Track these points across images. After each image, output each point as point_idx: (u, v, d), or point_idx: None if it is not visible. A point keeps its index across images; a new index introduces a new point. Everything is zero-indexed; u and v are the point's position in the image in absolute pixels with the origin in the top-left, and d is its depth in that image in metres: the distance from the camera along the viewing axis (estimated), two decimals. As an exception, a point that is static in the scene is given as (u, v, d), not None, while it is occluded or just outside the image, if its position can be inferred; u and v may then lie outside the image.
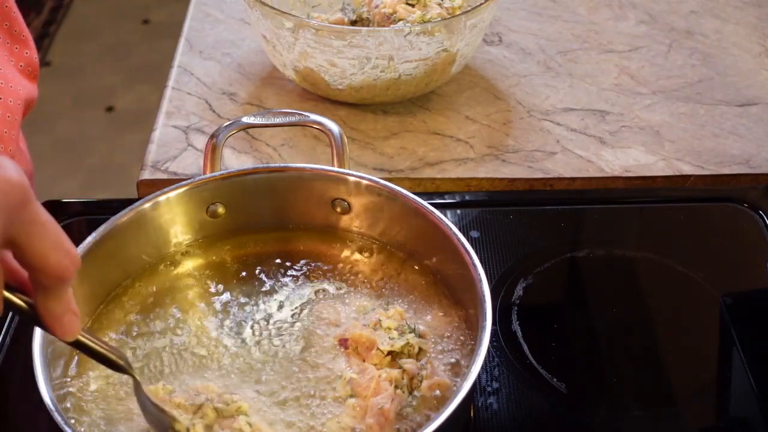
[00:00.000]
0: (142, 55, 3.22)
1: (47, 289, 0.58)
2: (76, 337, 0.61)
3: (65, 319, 0.59)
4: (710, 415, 0.88)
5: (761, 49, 1.34)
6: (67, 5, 3.49)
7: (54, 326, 0.60)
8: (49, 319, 0.59)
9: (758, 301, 0.97)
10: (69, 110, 2.97)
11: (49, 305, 0.58)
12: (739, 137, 1.18)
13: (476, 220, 1.04)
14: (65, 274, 0.57)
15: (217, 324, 0.83)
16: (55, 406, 0.69)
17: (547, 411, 0.86)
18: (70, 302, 0.59)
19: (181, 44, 1.34)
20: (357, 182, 0.89)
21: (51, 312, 0.59)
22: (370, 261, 0.90)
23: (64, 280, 0.57)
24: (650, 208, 1.09)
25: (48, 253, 0.56)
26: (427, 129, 1.18)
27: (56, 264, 0.56)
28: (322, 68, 1.14)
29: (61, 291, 0.58)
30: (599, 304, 0.97)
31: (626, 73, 1.29)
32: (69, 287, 0.59)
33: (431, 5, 1.17)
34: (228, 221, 0.91)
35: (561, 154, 1.14)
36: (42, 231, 0.56)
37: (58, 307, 0.59)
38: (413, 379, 0.77)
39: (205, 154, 0.93)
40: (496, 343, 0.89)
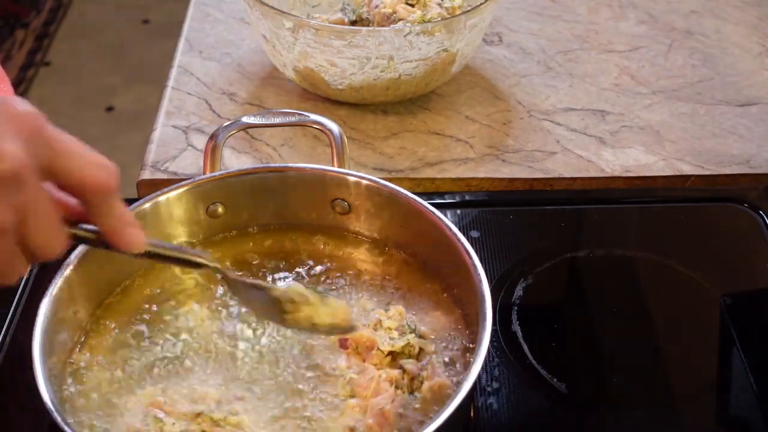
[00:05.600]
0: (142, 55, 3.22)
1: (97, 206, 0.58)
2: (143, 248, 0.62)
3: (126, 232, 0.60)
4: (710, 415, 0.88)
5: (761, 49, 1.34)
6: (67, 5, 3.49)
7: (119, 243, 0.60)
8: (111, 235, 0.59)
9: (758, 301, 0.97)
10: (69, 110, 2.97)
11: (106, 221, 0.59)
12: (739, 137, 1.18)
13: (476, 220, 1.04)
14: (105, 187, 0.57)
15: (216, 324, 0.83)
16: (55, 406, 0.69)
17: (547, 411, 0.86)
18: (125, 215, 0.60)
19: (181, 44, 1.34)
20: (357, 182, 0.89)
21: (111, 228, 0.59)
22: (370, 261, 0.90)
23: (106, 193, 0.57)
24: (650, 208, 1.09)
25: (81, 170, 0.56)
26: (427, 129, 1.18)
27: (93, 178, 0.57)
28: (322, 68, 1.14)
29: (110, 205, 0.58)
30: (599, 304, 0.97)
31: (626, 73, 1.29)
32: (117, 200, 0.59)
33: (431, 5, 1.17)
34: (228, 221, 0.91)
35: (561, 154, 1.14)
36: (67, 150, 0.56)
37: (115, 222, 0.59)
38: (413, 380, 0.77)
39: (205, 154, 0.93)
40: (496, 343, 0.89)
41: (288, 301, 0.73)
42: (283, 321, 0.75)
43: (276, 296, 0.73)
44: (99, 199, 0.58)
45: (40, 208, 0.55)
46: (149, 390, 0.77)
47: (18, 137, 0.53)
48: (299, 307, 0.73)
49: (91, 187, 0.57)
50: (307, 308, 0.73)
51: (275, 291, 0.73)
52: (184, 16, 1.40)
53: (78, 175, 0.56)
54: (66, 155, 0.56)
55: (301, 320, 0.73)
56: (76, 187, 0.57)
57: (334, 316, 0.74)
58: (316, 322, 0.73)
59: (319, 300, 0.74)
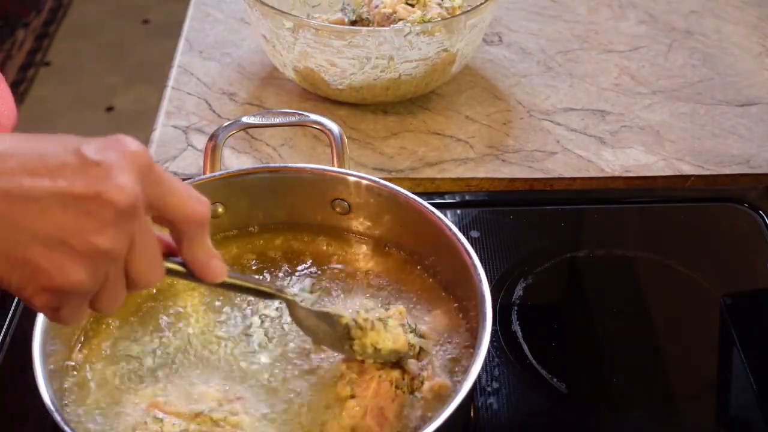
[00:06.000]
0: (142, 55, 3.22)
1: (191, 238, 0.62)
2: (224, 278, 0.66)
3: (212, 263, 0.64)
4: (710, 415, 0.88)
5: (761, 49, 1.34)
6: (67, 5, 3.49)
7: (204, 273, 0.64)
8: (198, 267, 0.64)
9: (758, 301, 0.97)
10: (69, 110, 2.97)
11: (196, 253, 0.63)
12: (739, 137, 1.18)
13: (476, 220, 1.04)
14: (202, 218, 0.62)
15: (216, 325, 0.83)
16: (55, 406, 0.69)
17: (547, 411, 0.86)
18: (211, 247, 0.64)
19: (181, 44, 1.34)
20: (357, 182, 0.89)
21: (199, 260, 0.63)
22: (370, 261, 0.90)
23: (202, 225, 0.62)
24: (650, 208, 1.09)
25: (184, 205, 0.61)
26: (427, 129, 1.18)
27: (192, 211, 0.61)
28: (322, 68, 1.14)
29: (202, 237, 0.63)
30: (599, 304, 0.97)
31: (626, 73, 1.29)
32: (207, 233, 0.63)
33: (431, 5, 1.17)
34: (228, 221, 0.91)
35: (561, 154, 1.14)
36: (172, 187, 0.60)
37: (204, 254, 0.63)
38: (414, 380, 0.77)
39: (205, 154, 0.93)
40: (496, 343, 0.89)
41: (357, 327, 0.76)
42: (344, 348, 0.77)
43: (346, 323, 0.76)
44: (194, 232, 0.62)
45: (148, 239, 0.59)
46: (149, 390, 0.77)
47: (133, 172, 0.57)
48: (366, 333, 0.76)
49: (190, 219, 0.61)
50: (373, 334, 0.76)
51: (345, 318, 0.76)
52: (184, 16, 1.40)
53: (180, 210, 0.61)
54: (171, 192, 0.60)
55: (366, 346, 0.76)
56: (178, 218, 0.61)
57: (395, 341, 0.76)
58: (380, 347, 0.76)
59: (382, 326, 0.76)
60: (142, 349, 0.81)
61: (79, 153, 0.56)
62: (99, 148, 0.56)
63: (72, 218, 0.55)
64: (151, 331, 0.83)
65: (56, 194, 0.54)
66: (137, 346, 0.81)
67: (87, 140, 0.57)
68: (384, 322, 0.76)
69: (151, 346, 0.81)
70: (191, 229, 0.62)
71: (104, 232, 0.55)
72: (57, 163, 0.55)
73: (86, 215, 0.55)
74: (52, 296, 0.56)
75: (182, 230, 0.62)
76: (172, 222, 0.61)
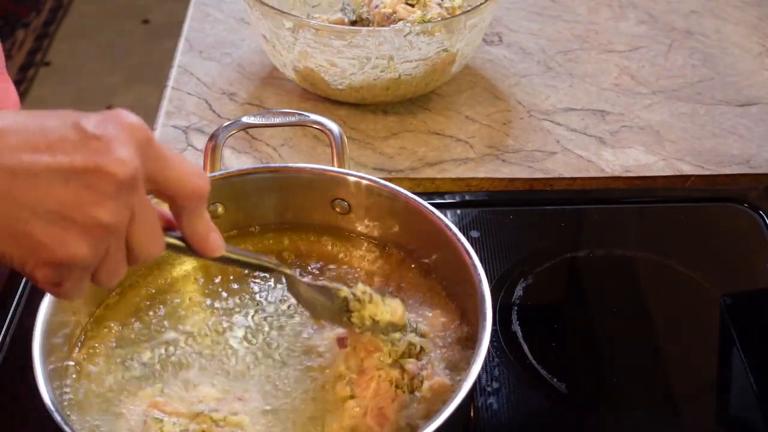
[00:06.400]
0: (142, 55, 3.22)
1: (190, 212, 0.63)
2: (222, 252, 0.66)
3: (210, 237, 0.65)
4: (710, 415, 0.88)
5: (761, 49, 1.34)
6: (67, 5, 3.49)
7: (203, 246, 0.65)
8: (198, 241, 0.64)
9: (758, 301, 0.97)
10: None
11: (195, 227, 0.64)
12: (739, 137, 1.18)
13: (476, 220, 1.04)
14: (202, 192, 0.62)
15: (215, 325, 0.83)
16: (55, 406, 0.69)
17: (547, 411, 0.86)
18: (210, 221, 0.65)
19: (181, 44, 1.34)
20: (357, 182, 0.89)
21: (198, 233, 0.64)
22: (370, 261, 0.90)
23: (201, 198, 0.62)
24: (650, 208, 1.09)
25: (183, 178, 0.61)
26: (427, 129, 1.18)
27: (192, 185, 0.61)
28: (322, 68, 1.14)
29: (201, 211, 0.63)
30: (599, 304, 0.97)
31: (626, 73, 1.29)
32: (205, 207, 0.64)
33: (431, 5, 1.17)
34: (228, 221, 0.91)
35: (561, 154, 1.14)
36: (171, 161, 0.60)
37: (202, 227, 0.64)
38: (413, 379, 0.77)
39: (205, 154, 0.93)
40: (496, 343, 0.89)
41: (355, 300, 0.76)
42: (343, 321, 0.78)
43: (344, 296, 0.77)
44: (193, 205, 0.62)
45: (148, 212, 0.59)
46: (149, 390, 0.77)
47: (133, 145, 0.57)
48: (365, 305, 0.77)
49: (189, 193, 0.61)
50: (371, 306, 0.77)
51: (343, 291, 0.77)
52: (184, 16, 1.40)
53: (180, 183, 0.61)
54: (170, 166, 0.60)
55: (364, 318, 0.76)
56: (178, 192, 0.61)
57: (393, 314, 0.77)
58: (378, 320, 0.77)
59: (380, 299, 0.77)
60: (142, 349, 0.81)
61: (79, 127, 0.56)
62: (98, 122, 0.57)
63: (72, 192, 0.55)
64: (150, 331, 0.83)
65: (56, 169, 0.55)
66: (137, 347, 0.81)
67: (86, 114, 0.57)
68: (382, 294, 0.78)
69: (151, 346, 0.81)
70: (191, 202, 0.62)
71: (105, 205, 0.55)
72: (57, 137, 0.55)
73: (87, 189, 0.55)
74: (54, 270, 0.57)
75: (181, 204, 0.62)
76: (171, 196, 0.62)
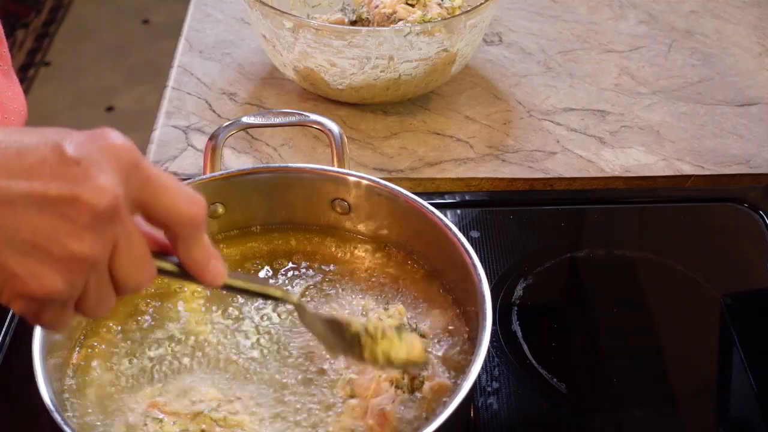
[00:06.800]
0: (142, 55, 3.22)
1: (186, 239, 0.58)
2: (224, 280, 0.62)
3: (210, 265, 0.60)
4: (710, 415, 0.88)
5: (761, 49, 1.34)
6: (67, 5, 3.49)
7: (203, 274, 0.60)
8: (196, 268, 0.60)
9: (758, 301, 0.97)
10: (69, 110, 2.97)
11: (193, 254, 0.59)
12: (739, 137, 1.18)
13: (476, 220, 1.04)
14: (197, 219, 0.58)
15: (216, 324, 0.83)
16: (55, 406, 0.69)
17: (547, 411, 0.86)
18: (210, 247, 0.60)
19: (181, 44, 1.34)
20: (357, 182, 0.89)
21: (196, 261, 0.59)
22: (370, 261, 0.90)
23: (197, 226, 0.58)
24: (650, 208, 1.09)
25: (175, 204, 0.57)
26: (427, 129, 1.18)
27: (186, 212, 0.57)
28: (322, 68, 1.14)
29: (198, 238, 0.59)
30: (599, 304, 0.97)
31: (626, 73, 1.29)
32: (204, 232, 0.59)
33: (431, 5, 1.17)
34: (228, 221, 0.91)
35: (561, 154, 1.14)
36: (162, 185, 0.56)
37: (201, 254, 0.59)
38: (414, 380, 0.77)
39: (205, 154, 0.93)
40: (496, 343, 0.89)
41: (367, 335, 0.72)
42: (356, 355, 0.73)
43: (356, 331, 0.72)
44: (188, 232, 0.58)
45: (133, 241, 0.56)
46: (148, 390, 0.77)
47: (116, 171, 0.54)
48: (377, 341, 0.72)
49: (183, 220, 0.57)
50: (385, 342, 0.72)
51: (355, 325, 0.72)
52: (184, 16, 1.40)
53: (172, 209, 0.57)
54: (161, 191, 0.56)
55: (378, 355, 0.72)
56: (170, 219, 0.57)
57: (410, 352, 0.73)
58: (392, 357, 0.72)
59: (395, 334, 0.72)
60: (142, 349, 0.81)
61: (59, 149, 0.53)
62: (79, 144, 0.54)
63: (48, 222, 0.52)
64: (150, 331, 0.82)
65: (32, 196, 0.52)
66: (137, 346, 0.81)
67: (69, 134, 0.54)
68: (399, 330, 0.73)
69: (151, 345, 0.81)
70: (185, 230, 0.58)
71: (81, 237, 0.52)
72: (35, 160, 0.52)
73: (62, 219, 0.52)
74: (30, 302, 0.54)
75: (175, 230, 0.58)
76: (163, 223, 0.58)
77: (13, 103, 0.99)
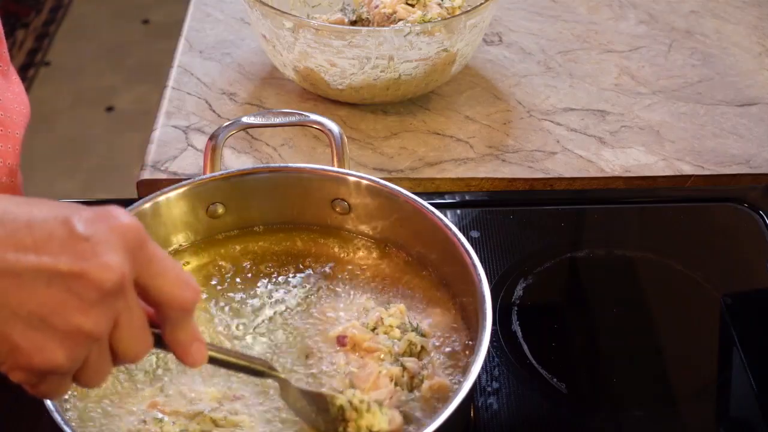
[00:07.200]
0: (142, 55, 3.22)
1: (174, 321, 0.59)
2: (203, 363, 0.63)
3: (193, 348, 0.61)
4: (710, 415, 0.88)
5: (761, 49, 1.34)
6: (67, 5, 3.49)
7: (183, 356, 0.61)
8: (178, 349, 0.61)
9: (758, 301, 0.97)
10: (69, 110, 2.97)
11: (177, 336, 0.60)
12: (739, 137, 1.18)
13: (476, 220, 1.04)
14: (188, 306, 0.59)
15: (216, 324, 0.83)
16: (55, 406, 0.69)
17: (547, 411, 0.86)
18: (195, 331, 0.61)
19: (181, 44, 1.34)
20: (357, 182, 0.89)
21: (179, 342, 0.60)
22: (370, 261, 0.90)
23: (187, 311, 0.59)
24: (650, 208, 1.09)
25: (171, 289, 0.58)
26: (427, 129, 1.18)
27: (179, 298, 0.58)
28: (322, 68, 1.14)
29: (185, 321, 0.60)
30: (599, 304, 0.97)
31: (626, 73, 1.29)
32: (192, 317, 0.60)
33: (431, 5, 1.17)
34: (228, 221, 0.91)
35: (561, 154, 1.14)
36: (162, 268, 0.57)
37: (185, 337, 0.60)
38: (413, 378, 0.77)
39: (205, 154, 0.93)
40: (496, 343, 0.89)
41: (352, 408, 0.73)
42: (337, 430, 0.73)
43: (340, 405, 0.73)
44: (177, 315, 0.59)
45: (134, 316, 0.57)
46: (149, 390, 0.77)
47: (123, 249, 0.54)
48: (362, 414, 0.73)
49: (175, 304, 0.58)
50: (369, 416, 0.73)
51: (339, 399, 0.73)
52: (184, 16, 1.40)
53: (166, 293, 0.58)
54: (160, 274, 0.57)
55: (361, 429, 0.72)
56: (163, 301, 0.58)
57: (391, 422, 0.73)
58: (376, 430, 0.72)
59: (377, 408, 0.73)
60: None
61: (68, 225, 0.53)
62: (89, 221, 0.54)
63: (55, 296, 0.53)
64: (151, 331, 0.82)
65: (40, 270, 0.52)
66: (137, 346, 0.81)
67: (78, 210, 0.55)
68: (380, 403, 0.74)
69: (151, 346, 0.81)
70: (174, 313, 0.59)
71: (87, 313, 0.53)
72: (44, 234, 0.53)
73: (69, 294, 0.53)
74: (30, 374, 0.54)
75: (166, 314, 0.59)
76: (156, 303, 0.58)
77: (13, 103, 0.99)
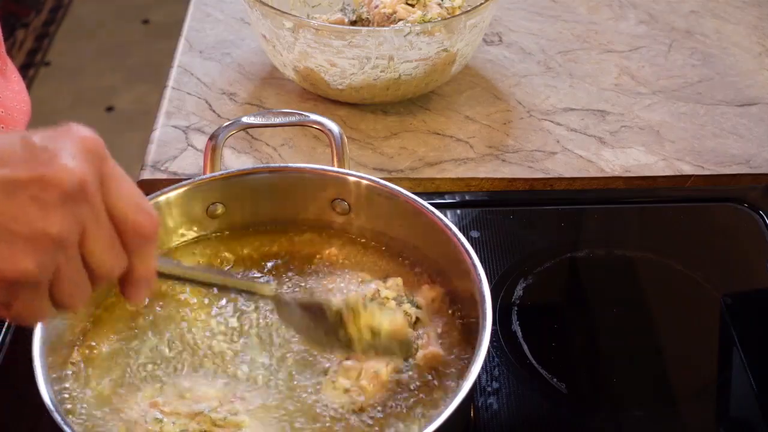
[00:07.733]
0: (142, 55, 3.22)
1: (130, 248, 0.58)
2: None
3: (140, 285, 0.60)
4: (710, 415, 0.88)
5: (761, 49, 1.34)
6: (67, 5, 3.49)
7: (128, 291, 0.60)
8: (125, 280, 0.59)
9: (758, 301, 0.97)
10: (69, 110, 2.97)
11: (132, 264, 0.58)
12: (739, 137, 1.18)
13: (476, 220, 1.04)
14: (145, 232, 0.57)
15: (215, 324, 0.83)
16: (55, 406, 0.69)
17: (547, 411, 0.86)
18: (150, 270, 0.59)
19: (181, 44, 1.34)
20: (357, 182, 0.89)
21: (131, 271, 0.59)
22: (370, 261, 0.90)
23: (143, 238, 0.57)
24: (650, 208, 1.09)
25: (125, 209, 0.56)
26: (427, 129, 1.18)
27: (133, 220, 0.57)
28: (322, 68, 1.14)
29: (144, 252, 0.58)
30: (599, 304, 0.97)
31: (626, 73, 1.29)
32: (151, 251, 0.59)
33: (431, 5, 1.17)
34: (228, 221, 0.91)
35: (561, 154, 1.14)
36: (118, 186, 0.56)
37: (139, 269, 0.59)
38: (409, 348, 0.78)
39: (205, 154, 0.93)
40: (496, 343, 0.89)
41: (349, 310, 0.72)
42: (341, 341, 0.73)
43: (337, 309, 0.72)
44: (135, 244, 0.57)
45: (102, 225, 0.56)
46: (149, 390, 0.77)
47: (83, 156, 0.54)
48: (359, 313, 0.73)
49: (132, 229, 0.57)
50: (366, 315, 0.73)
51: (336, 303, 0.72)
52: (184, 16, 1.40)
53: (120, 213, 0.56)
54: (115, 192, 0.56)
55: (362, 328, 0.72)
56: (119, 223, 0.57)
57: (392, 322, 0.73)
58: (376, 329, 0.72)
59: (375, 307, 0.73)
60: (142, 349, 0.81)
61: (27, 141, 0.54)
62: (47, 136, 0.55)
63: (18, 205, 0.52)
64: (150, 331, 0.82)
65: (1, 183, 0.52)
66: (137, 346, 0.81)
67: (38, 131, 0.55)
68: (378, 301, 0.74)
69: (151, 346, 0.81)
70: (132, 240, 0.57)
71: (50, 216, 0.53)
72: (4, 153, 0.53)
73: (31, 200, 0.53)
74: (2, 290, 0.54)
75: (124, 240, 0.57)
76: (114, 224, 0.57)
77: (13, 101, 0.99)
